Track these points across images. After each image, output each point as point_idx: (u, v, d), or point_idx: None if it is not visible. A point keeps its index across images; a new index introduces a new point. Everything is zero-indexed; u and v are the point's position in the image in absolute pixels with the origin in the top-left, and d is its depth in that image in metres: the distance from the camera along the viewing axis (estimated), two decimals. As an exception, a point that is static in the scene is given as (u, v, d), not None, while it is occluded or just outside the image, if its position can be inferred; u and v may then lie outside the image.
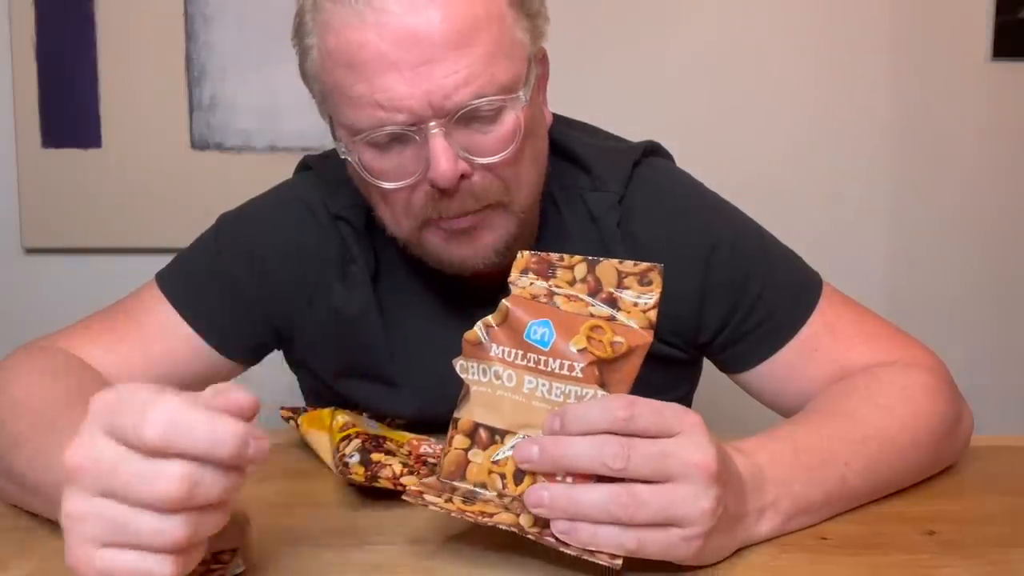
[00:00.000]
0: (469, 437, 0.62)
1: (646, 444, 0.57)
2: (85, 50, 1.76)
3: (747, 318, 0.90)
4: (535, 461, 0.59)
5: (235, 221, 0.96)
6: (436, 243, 0.83)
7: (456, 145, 0.77)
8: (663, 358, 0.93)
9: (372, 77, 0.75)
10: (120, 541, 0.49)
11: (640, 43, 1.76)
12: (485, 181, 0.80)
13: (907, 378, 0.81)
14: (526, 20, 0.81)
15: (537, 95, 0.84)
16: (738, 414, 1.10)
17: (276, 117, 1.77)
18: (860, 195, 1.82)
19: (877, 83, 1.78)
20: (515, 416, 0.62)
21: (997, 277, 1.84)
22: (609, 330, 0.62)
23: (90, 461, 0.49)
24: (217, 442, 0.48)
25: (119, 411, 0.49)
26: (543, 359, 0.62)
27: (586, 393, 0.61)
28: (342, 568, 0.64)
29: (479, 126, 0.78)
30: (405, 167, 0.79)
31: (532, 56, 0.81)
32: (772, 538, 0.67)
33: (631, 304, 0.63)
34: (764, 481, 0.66)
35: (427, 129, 0.76)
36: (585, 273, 0.64)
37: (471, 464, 0.62)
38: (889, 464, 0.75)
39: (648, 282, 0.64)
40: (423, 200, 0.80)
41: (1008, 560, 0.65)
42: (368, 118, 0.77)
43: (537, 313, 0.63)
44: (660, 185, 0.93)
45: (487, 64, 0.76)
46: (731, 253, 0.90)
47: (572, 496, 0.57)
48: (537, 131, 0.84)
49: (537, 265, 0.66)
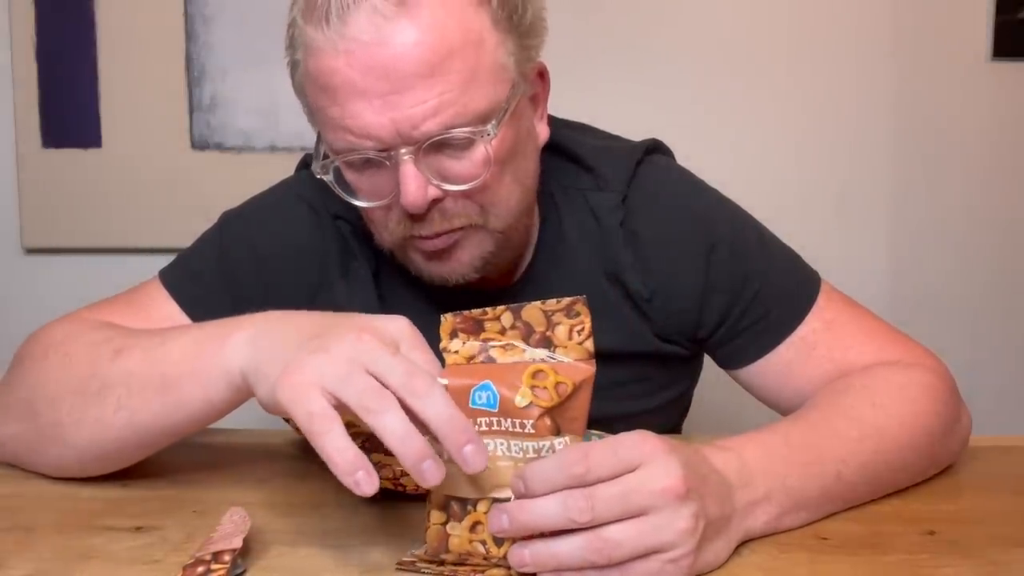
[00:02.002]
0: (444, 511, 0.62)
1: (608, 487, 0.58)
2: (85, 50, 1.76)
3: (745, 314, 0.90)
4: (507, 529, 0.59)
5: (238, 220, 0.96)
6: (416, 259, 0.84)
7: (427, 171, 0.77)
8: (664, 355, 0.93)
9: (343, 103, 0.76)
10: (341, 391, 0.58)
11: (640, 43, 1.76)
12: (458, 206, 0.80)
13: (905, 378, 0.81)
14: (513, 41, 0.79)
15: (528, 113, 0.84)
16: (738, 414, 1.10)
17: (276, 117, 1.76)
18: (860, 195, 1.81)
19: (877, 83, 1.78)
20: (482, 483, 0.62)
21: (998, 277, 1.84)
22: (551, 373, 0.61)
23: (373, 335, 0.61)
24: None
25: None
26: (494, 420, 0.61)
27: (543, 446, 0.61)
28: (342, 568, 0.64)
29: (451, 152, 0.78)
30: (379, 189, 0.80)
31: (520, 77, 0.80)
32: (770, 533, 0.67)
33: (566, 339, 0.63)
34: (752, 475, 0.66)
35: (398, 156, 0.76)
36: (513, 320, 0.63)
37: (451, 537, 0.62)
38: (886, 463, 0.75)
39: (576, 314, 0.63)
40: (398, 219, 0.81)
41: (1008, 560, 0.65)
42: (341, 140, 0.78)
43: (476, 376, 0.62)
44: (661, 183, 0.93)
45: (461, 92, 0.75)
46: (731, 250, 0.90)
47: (551, 550, 0.58)
48: (522, 151, 0.83)
49: (463, 325, 0.64)
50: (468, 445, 0.57)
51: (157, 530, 0.70)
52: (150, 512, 0.73)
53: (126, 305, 0.90)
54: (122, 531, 0.70)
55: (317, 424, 0.57)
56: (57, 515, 0.73)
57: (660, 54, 1.77)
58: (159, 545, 0.67)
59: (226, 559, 0.60)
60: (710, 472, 0.63)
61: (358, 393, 0.57)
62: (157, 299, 0.91)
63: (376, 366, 0.58)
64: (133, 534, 0.69)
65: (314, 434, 0.57)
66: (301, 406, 0.58)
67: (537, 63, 0.84)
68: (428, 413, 0.57)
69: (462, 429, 0.57)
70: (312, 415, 0.57)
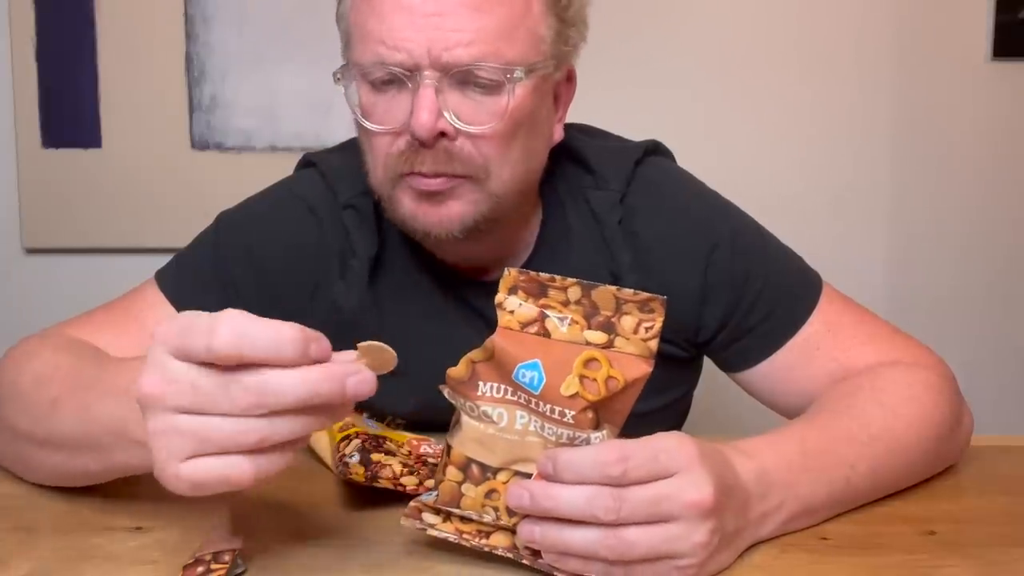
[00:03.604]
0: (462, 471, 0.62)
1: (639, 491, 0.57)
2: (85, 50, 1.76)
3: (747, 316, 0.90)
4: (526, 507, 0.59)
5: (234, 220, 0.95)
6: (406, 204, 0.82)
7: (445, 104, 0.78)
8: (663, 357, 0.93)
9: (385, 15, 0.78)
10: (203, 451, 0.53)
11: (639, 43, 1.76)
12: (465, 149, 0.80)
13: (910, 378, 0.81)
14: (557, 21, 0.82)
15: (548, 103, 0.85)
16: (738, 414, 1.10)
17: (276, 117, 1.76)
18: (860, 195, 1.81)
19: (877, 83, 1.78)
20: (508, 454, 0.61)
21: (997, 277, 1.84)
22: (605, 363, 0.59)
23: (166, 383, 0.54)
24: (281, 342, 0.53)
25: (186, 333, 0.53)
26: (533, 400, 0.60)
27: (579, 437, 0.59)
28: (342, 568, 0.64)
29: (473, 92, 0.79)
30: (393, 112, 0.80)
31: (553, 57, 0.82)
32: (773, 537, 0.67)
33: (631, 331, 0.60)
34: (770, 486, 0.66)
35: (420, 78, 0.77)
36: (580, 296, 0.61)
37: (464, 496, 0.62)
38: (893, 465, 0.75)
39: (651, 310, 0.60)
40: (400, 151, 0.80)
41: (1008, 560, 0.65)
42: (371, 54, 0.79)
43: (526, 352, 0.59)
44: (661, 184, 0.93)
45: (498, 36, 0.78)
46: (731, 251, 0.90)
47: (563, 536, 0.58)
48: (537, 130, 0.84)
49: (526, 284, 0.61)
50: (349, 380, 0.55)
51: (157, 530, 0.70)
52: (150, 512, 0.72)
53: (122, 313, 0.90)
54: (122, 531, 0.70)
55: (236, 478, 0.54)
56: (57, 515, 0.73)
57: (659, 53, 1.77)
58: (159, 545, 0.67)
59: (226, 559, 0.60)
60: (735, 483, 0.63)
61: (225, 438, 0.54)
62: (152, 304, 0.90)
63: (217, 405, 0.54)
64: (133, 534, 0.69)
65: (261, 475, 0.55)
66: (207, 487, 0.55)
67: (569, 64, 0.87)
68: (288, 402, 0.54)
69: (331, 377, 0.55)
70: (222, 483, 0.55)
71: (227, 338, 0.52)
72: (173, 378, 0.54)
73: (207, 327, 0.53)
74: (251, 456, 0.54)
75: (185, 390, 0.53)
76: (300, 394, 0.53)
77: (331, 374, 0.54)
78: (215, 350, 0.52)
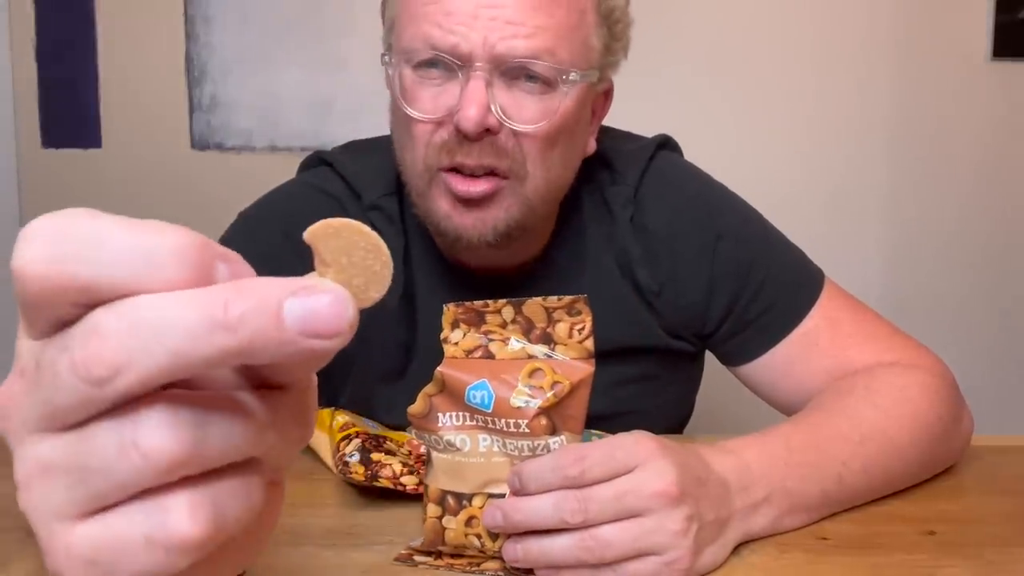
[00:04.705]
0: (440, 505, 0.63)
1: (602, 489, 0.58)
2: (85, 50, 1.77)
3: (749, 307, 0.90)
4: (501, 526, 0.60)
5: (261, 211, 0.94)
6: (442, 204, 0.80)
7: (493, 98, 0.76)
8: (670, 352, 0.94)
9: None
10: (94, 499, 0.26)
11: (638, 43, 1.76)
12: (509, 144, 0.78)
13: (906, 379, 0.81)
14: (607, 34, 0.82)
15: (587, 115, 0.85)
16: (739, 414, 1.10)
17: (276, 117, 1.76)
18: (860, 194, 1.82)
19: (877, 83, 1.78)
20: (478, 478, 0.62)
21: (997, 277, 1.84)
22: (549, 371, 0.61)
23: (11, 381, 0.27)
24: (152, 251, 0.28)
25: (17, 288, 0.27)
26: (489, 419, 0.61)
27: (538, 444, 0.61)
28: (342, 568, 0.64)
29: (524, 88, 0.78)
30: (438, 101, 0.78)
31: (599, 67, 0.82)
32: (770, 534, 0.67)
33: (566, 337, 0.62)
34: (753, 478, 0.66)
35: (472, 69, 0.76)
36: (514, 314, 0.63)
37: (447, 530, 0.62)
38: (887, 464, 0.75)
39: (577, 312, 0.62)
40: (442, 142, 0.78)
41: (1008, 560, 0.65)
42: (424, 36, 0.76)
43: (473, 375, 0.61)
44: (669, 177, 0.94)
45: (553, 36, 0.77)
46: (736, 239, 0.91)
47: (543, 548, 0.59)
48: (576, 140, 0.84)
49: (465, 316, 0.63)
50: (288, 302, 0.26)
51: (157, 530, 0.70)
52: (150, 512, 0.72)
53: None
54: (122, 531, 0.70)
55: (163, 539, 0.26)
56: (57, 515, 0.73)
57: (658, 53, 1.77)
58: (159, 545, 0.67)
59: (226, 559, 0.60)
60: (708, 475, 0.63)
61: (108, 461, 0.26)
62: None
63: (61, 383, 0.26)
64: (133, 534, 0.69)
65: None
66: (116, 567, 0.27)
67: (609, 79, 0.86)
68: (175, 344, 0.25)
69: (243, 292, 0.26)
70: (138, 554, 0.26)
71: (40, 250, 0.26)
72: (22, 367, 0.27)
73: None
74: (180, 491, 0.26)
75: (30, 379, 0.26)
76: (192, 326, 0.25)
77: (246, 290, 0.26)
78: (24, 273, 0.26)
